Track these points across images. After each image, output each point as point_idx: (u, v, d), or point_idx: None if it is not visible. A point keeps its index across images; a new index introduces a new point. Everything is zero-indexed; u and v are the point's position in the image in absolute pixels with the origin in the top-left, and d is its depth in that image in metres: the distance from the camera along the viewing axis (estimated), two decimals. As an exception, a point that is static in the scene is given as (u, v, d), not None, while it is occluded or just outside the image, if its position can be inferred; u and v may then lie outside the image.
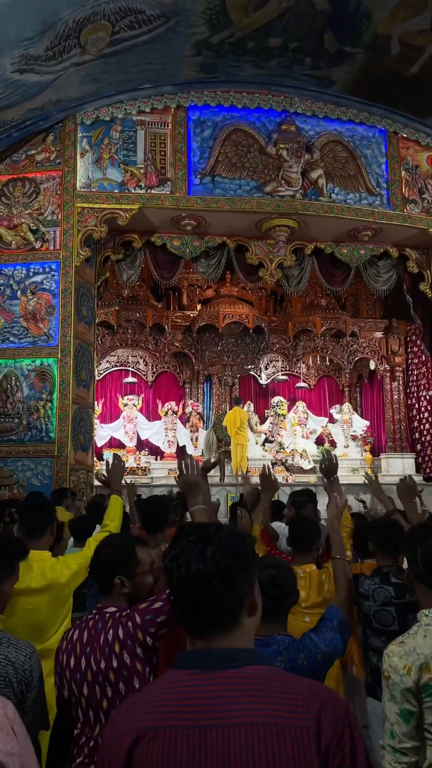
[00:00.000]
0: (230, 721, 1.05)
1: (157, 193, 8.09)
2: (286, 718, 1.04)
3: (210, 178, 8.22)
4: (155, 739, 1.06)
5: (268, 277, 8.85)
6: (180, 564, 1.19)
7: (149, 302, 12.28)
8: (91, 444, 8.33)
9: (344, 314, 12.89)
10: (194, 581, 1.17)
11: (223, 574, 1.18)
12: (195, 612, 1.18)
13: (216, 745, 1.04)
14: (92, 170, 8.05)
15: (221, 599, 1.17)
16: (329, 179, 8.54)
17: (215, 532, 1.22)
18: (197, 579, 1.17)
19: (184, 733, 1.05)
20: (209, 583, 1.17)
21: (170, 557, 1.22)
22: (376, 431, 13.27)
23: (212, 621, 1.17)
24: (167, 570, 1.22)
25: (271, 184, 8.31)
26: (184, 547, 1.20)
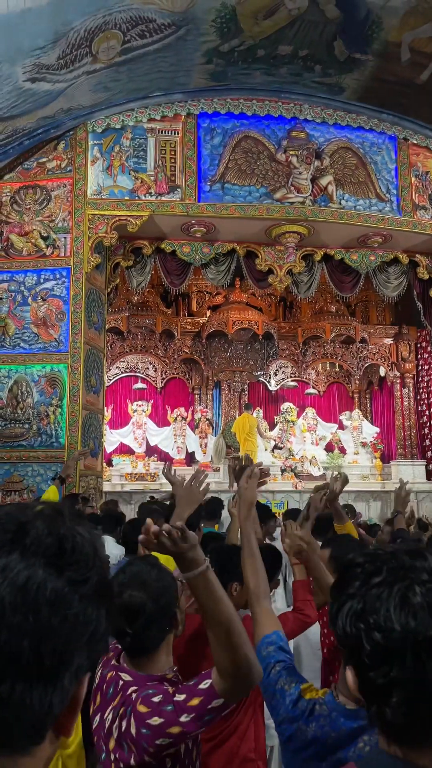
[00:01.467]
0: None
1: (167, 200, 8.12)
2: None
3: (220, 185, 8.25)
4: None
5: (278, 283, 8.86)
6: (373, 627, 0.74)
7: (159, 308, 12.32)
8: (100, 450, 8.35)
9: (354, 320, 12.87)
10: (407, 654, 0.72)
11: None
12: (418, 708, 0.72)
13: None
14: (103, 177, 8.10)
15: None
16: (339, 186, 8.55)
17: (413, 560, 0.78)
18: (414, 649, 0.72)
19: None
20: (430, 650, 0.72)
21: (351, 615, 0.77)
22: (386, 438, 13.21)
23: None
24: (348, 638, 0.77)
25: (281, 191, 8.33)
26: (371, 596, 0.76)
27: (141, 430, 12.27)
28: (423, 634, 0.70)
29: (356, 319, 13.03)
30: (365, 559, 0.81)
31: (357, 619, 0.75)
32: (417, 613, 0.72)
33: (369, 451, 12.63)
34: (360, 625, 0.74)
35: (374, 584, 0.76)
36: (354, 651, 0.75)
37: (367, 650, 0.73)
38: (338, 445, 12.92)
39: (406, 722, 0.70)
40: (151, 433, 12.36)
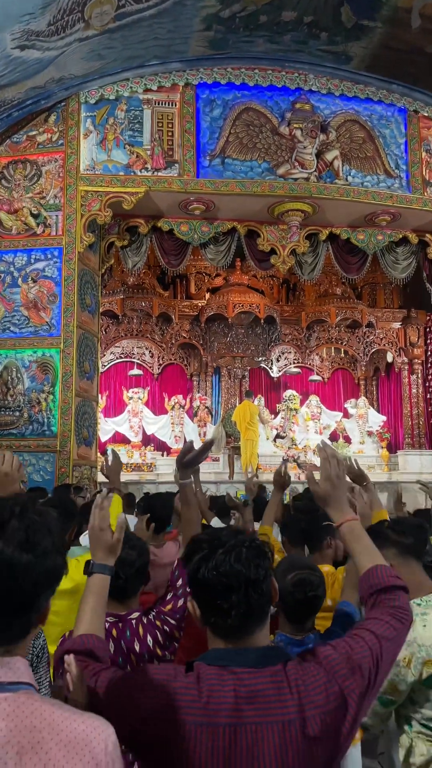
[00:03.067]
0: (285, 717, 1.27)
1: (164, 175, 8.06)
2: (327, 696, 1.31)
3: (220, 160, 8.19)
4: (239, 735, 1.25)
5: (281, 264, 8.82)
6: (223, 573, 1.34)
7: (155, 291, 12.29)
8: (94, 438, 8.36)
9: (360, 303, 12.84)
10: (241, 589, 1.34)
11: (265, 576, 1.37)
12: (244, 618, 1.34)
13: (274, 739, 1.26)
14: (96, 152, 8.03)
15: (266, 599, 1.37)
16: (345, 161, 8.48)
17: (239, 537, 1.40)
18: (246, 584, 1.34)
19: (269, 729, 1.26)
20: (258, 587, 1.35)
21: (208, 569, 1.35)
22: (394, 427, 13.24)
23: (255, 622, 1.37)
24: (206, 583, 1.35)
25: (284, 166, 8.26)
26: (219, 557, 1.36)
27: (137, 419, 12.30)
28: (247, 575, 1.35)
29: (363, 303, 13.00)
30: (208, 538, 1.43)
31: (212, 570, 1.36)
32: (245, 565, 1.35)
33: (375, 440, 12.66)
34: (214, 573, 1.35)
35: (219, 552, 1.37)
36: (206, 590, 1.37)
37: (218, 588, 1.35)
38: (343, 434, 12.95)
39: (240, 628, 1.36)
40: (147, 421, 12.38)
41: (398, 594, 1.54)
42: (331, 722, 1.29)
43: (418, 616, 1.93)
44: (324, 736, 1.28)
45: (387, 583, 1.54)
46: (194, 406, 12.62)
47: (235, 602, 1.33)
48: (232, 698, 1.26)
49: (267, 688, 1.28)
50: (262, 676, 1.30)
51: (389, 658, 1.42)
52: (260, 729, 1.26)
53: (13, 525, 1.16)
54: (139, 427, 12.30)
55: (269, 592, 1.38)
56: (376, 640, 1.40)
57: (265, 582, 1.37)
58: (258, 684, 1.29)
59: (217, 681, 1.29)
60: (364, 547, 1.65)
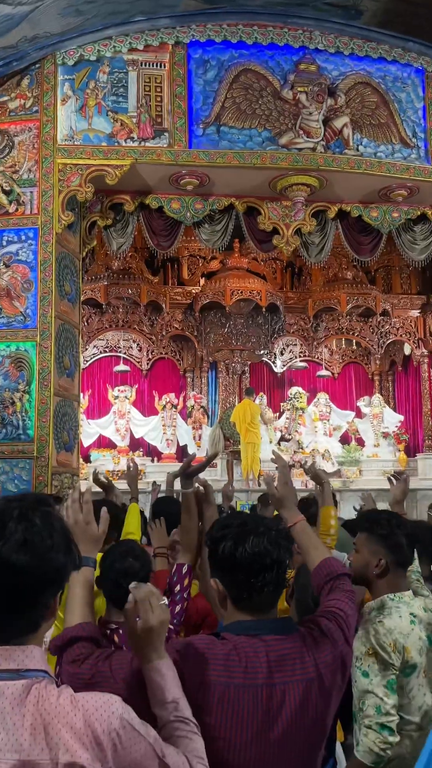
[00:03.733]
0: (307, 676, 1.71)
1: (152, 146, 8.04)
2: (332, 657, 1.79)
3: (215, 128, 8.17)
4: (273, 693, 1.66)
5: (284, 245, 8.81)
6: (258, 553, 1.72)
7: (143, 276, 12.28)
8: (76, 443, 8.35)
9: (374, 289, 12.85)
10: (274, 568, 1.73)
11: (289, 556, 1.78)
12: (274, 593, 1.76)
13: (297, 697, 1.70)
14: (75, 120, 8.01)
15: (284, 577, 1.80)
16: (356, 128, 8.47)
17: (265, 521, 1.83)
18: (278, 564, 1.74)
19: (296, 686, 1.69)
20: (284, 566, 1.77)
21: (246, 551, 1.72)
22: (412, 427, 13.27)
23: (278, 597, 1.78)
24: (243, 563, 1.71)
25: (288, 135, 8.25)
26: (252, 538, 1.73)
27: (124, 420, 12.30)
28: (278, 556, 1.74)
29: (377, 288, 13.01)
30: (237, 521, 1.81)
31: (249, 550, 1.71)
32: (277, 547, 1.74)
33: (392, 442, 12.69)
34: (251, 553, 1.71)
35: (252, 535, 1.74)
36: (242, 569, 1.72)
37: (254, 567, 1.71)
38: (355, 436, 12.97)
39: (269, 602, 1.76)
40: (135, 423, 12.38)
41: (346, 580, 2.08)
42: (337, 678, 1.79)
43: (392, 609, 2.49)
44: (332, 688, 1.77)
45: (339, 571, 2.09)
46: (188, 406, 12.62)
47: (269, 580, 1.71)
48: (266, 662, 1.66)
49: (292, 652, 1.71)
50: (287, 642, 1.73)
51: (352, 631, 1.97)
52: (288, 687, 1.68)
53: (10, 528, 1.39)
54: (126, 429, 12.30)
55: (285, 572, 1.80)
56: (345, 616, 1.92)
57: (289, 563, 1.77)
58: (285, 649, 1.71)
59: (251, 648, 1.67)
60: (314, 543, 2.21)
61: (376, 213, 9.05)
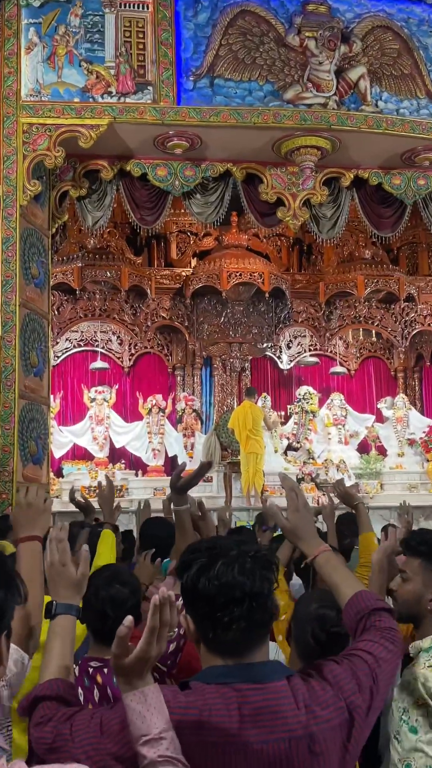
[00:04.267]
0: (292, 734, 1.59)
1: (133, 102, 8.04)
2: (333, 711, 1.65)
3: (208, 81, 8.17)
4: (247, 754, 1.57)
5: (291, 219, 8.82)
6: (225, 584, 1.63)
7: (124, 257, 12.27)
8: (46, 454, 8.34)
9: (397, 270, 12.87)
10: (245, 601, 1.63)
11: (270, 589, 1.67)
12: (247, 632, 1.65)
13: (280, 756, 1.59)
14: (42, 71, 8.00)
15: (269, 615, 1.69)
16: (375, 81, 8.48)
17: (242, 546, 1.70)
18: (250, 597, 1.64)
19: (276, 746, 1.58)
20: (261, 600, 1.66)
21: (209, 580, 1.64)
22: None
23: (256, 638, 1.68)
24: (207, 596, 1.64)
25: (294, 89, 8.25)
26: (219, 566, 1.65)
27: (102, 427, 12.28)
28: (251, 588, 1.64)
29: (400, 269, 13.03)
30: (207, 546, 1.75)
31: (213, 580, 1.64)
32: (249, 576, 1.65)
33: (419, 451, 12.69)
34: (215, 583, 1.64)
35: (221, 561, 1.66)
36: (206, 602, 1.65)
37: (219, 600, 1.63)
38: (376, 444, 12.97)
39: (244, 643, 1.66)
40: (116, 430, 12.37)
41: (384, 616, 1.96)
42: (337, 738, 1.65)
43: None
44: (329, 753, 1.63)
45: (373, 606, 1.97)
46: (178, 410, 12.61)
47: (237, 615, 1.62)
48: (237, 716, 1.57)
49: (273, 704, 1.60)
50: (268, 692, 1.61)
51: (386, 679, 1.81)
52: (266, 747, 1.58)
53: None
54: (105, 438, 12.28)
55: (273, 607, 1.69)
56: (374, 660, 1.78)
57: (269, 596, 1.66)
58: (263, 700, 1.60)
59: (220, 699, 1.59)
60: (343, 576, 2.09)
61: (399, 180, 9.06)
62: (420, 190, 9.11)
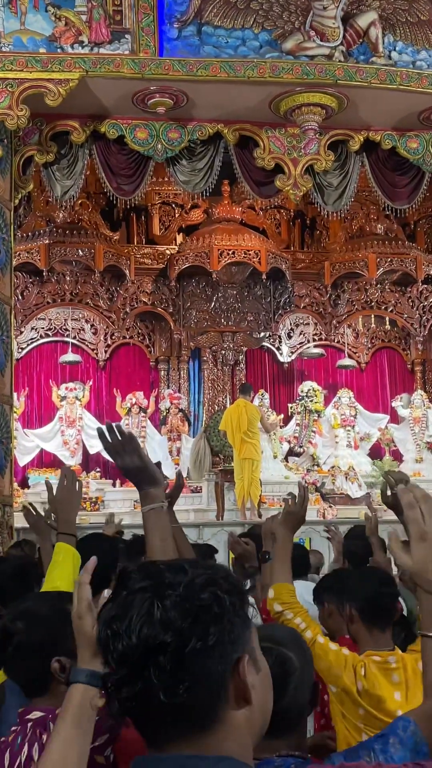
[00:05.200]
0: None
1: (108, 53, 8.03)
2: None
3: (195, 29, 8.17)
4: None
5: (291, 188, 8.83)
6: (116, 631, 1.20)
7: (99, 232, 12.26)
8: (9, 461, 8.34)
9: (414, 248, 12.91)
10: (136, 658, 1.17)
11: (182, 645, 1.15)
12: (135, 708, 1.20)
13: None
14: (3, 18, 7.98)
15: (179, 684, 1.15)
16: (388, 28, 8.49)
17: (182, 573, 1.22)
18: (142, 655, 1.16)
19: None
20: (158, 662, 1.15)
21: (105, 620, 1.24)
22: (467, 435, 13.34)
23: (167, 719, 1.18)
24: (101, 641, 1.24)
25: (294, 38, 8.26)
26: (126, 604, 1.21)
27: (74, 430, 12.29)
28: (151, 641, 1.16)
29: (417, 247, 13.06)
30: (141, 568, 1.29)
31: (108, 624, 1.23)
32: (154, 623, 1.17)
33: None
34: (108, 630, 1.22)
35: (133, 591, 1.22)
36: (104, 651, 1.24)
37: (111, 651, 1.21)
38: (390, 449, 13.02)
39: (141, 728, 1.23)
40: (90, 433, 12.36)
41: None
42: None
43: None
44: None
45: None
46: (162, 409, 12.63)
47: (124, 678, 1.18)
48: None
49: None
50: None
51: None
52: None
53: None
54: (78, 442, 12.29)
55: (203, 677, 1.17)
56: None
57: (187, 655, 1.15)
58: None
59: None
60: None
61: (416, 144, 9.08)
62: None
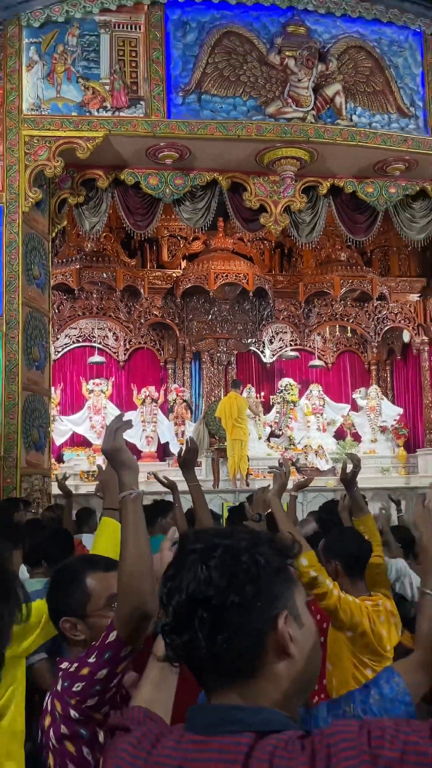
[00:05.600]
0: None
1: (127, 116, 8.01)
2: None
3: (195, 97, 8.14)
4: None
5: (272, 224, 8.81)
6: (170, 588, 1.13)
7: (119, 259, 12.22)
8: (47, 441, 8.33)
9: (370, 271, 12.88)
10: (183, 613, 1.11)
11: (233, 603, 1.08)
12: (183, 657, 1.14)
13: None
14: (43, 87, 7.96)
15: (235, 642, 1.08)
16: (349, 97, 8.47)
17: (222, 540, 1.14)
18: (188, 609, 1.10)
19: None
20: (214, 619, 1.09)
21: (163, 579, 1.17)
22: (412, 421, 13.34)
23: (212, 667, 1.11)
24: (160, 598, 1.17)
25: (275, 104, 8.24)
26: (180, 565, 1.15)
27: (99, 416, 12.26)
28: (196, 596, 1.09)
29: (373, 270, 13.04)
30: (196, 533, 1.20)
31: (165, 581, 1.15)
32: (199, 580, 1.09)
33: (390, 437, 12.76)
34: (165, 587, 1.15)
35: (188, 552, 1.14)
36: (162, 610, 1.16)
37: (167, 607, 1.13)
38: (351, 431, 13.02)
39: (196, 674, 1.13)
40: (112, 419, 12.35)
41: None
42: None
43: None
44: None
45: None
46: (169, 400, 12.61)
47: (173, 629, 1.13)
48: None
49: (208, 763, 1.05)
50: (208, 750, 1.06)
51: None
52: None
53: None
54: (102, 426, 12.24)
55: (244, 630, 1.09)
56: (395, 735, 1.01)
57: (229, 609, 1.08)
58: (201, 761, 1.06)
59: (170, 749, 1.11)
60: None
61: (372, 189, 9.06)
62: (391, 198, 9.12)
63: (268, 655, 1.10)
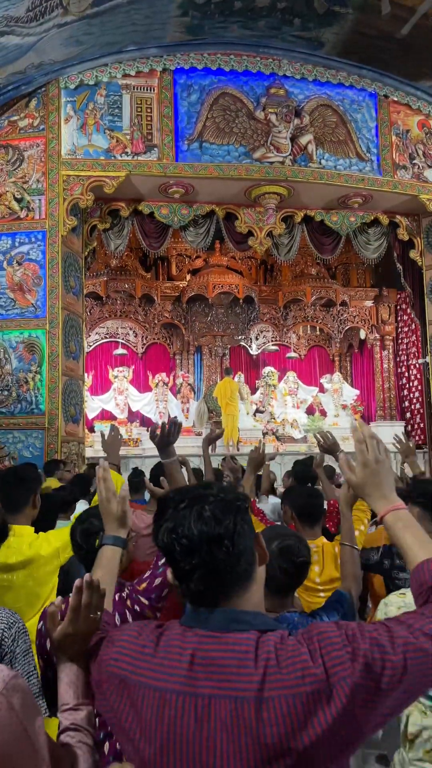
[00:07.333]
0: (240, 693, 1.01)
1: (144, 159, 7.95)
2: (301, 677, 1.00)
3: (198, 144, 8.09)
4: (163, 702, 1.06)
5: (258, 245, 8.79)
6: (181, 535, 1.11)
7: (138, 272, 12.17)
8: (81, 415, 8.34)
9: (334, 283, 12.85)
10: (203, 548, 1.11)
11: (234, 531, 1.12)
12: (210, 580, 1.11)
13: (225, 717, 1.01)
14: (77, 136, 7.89)
15: (237, 557, 1.12)
16: (319, 144, 8.43)
17: (205, 491, 1.16)
18: (207, 544, 1.11)
19: (220, 703, 1.02)
20: (223, 544, 1.11)
21: (165, 531, 1.14)
22: (366, 400, 13.36)
23: (227, 584, 1.12)
24: (165, 546, 1.14)
25: (260, 150, 8.19)
26: (178, 516, 1.13)
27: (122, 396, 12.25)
28: (209, 534, 1.11)
29: (337, 282, 13.01)
30: (174, 494, 1.20)
31: (170, 532, 1.14)
32: (206, 522, 1.12)
33: (349, 413, 12.77)
34: (173, 536, 1.13)
35: (180, 508, 1.14)
36: (168, 553, 1.15)
37: (177, 551, 1.12)
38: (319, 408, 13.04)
39: (204, 590, 1.12)
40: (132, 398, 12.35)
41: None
42: (299, 711, 0.99)
43: None
44: (283, 723, 0.98)
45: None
46: (177, 384, 12.60)
47: (198, 563, 1.10)
48: (188, 662, 1.06)
49: (227, 656, 1.05)
50: (224, 643, 1.06)
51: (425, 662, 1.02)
52: (213, 702, 1.03)
53: None
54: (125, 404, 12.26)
55: (246, 549, 1.13)
56: (409, 634, 1.04)
57: (235, 537, 1.11)
58: (217, 651, 1.06)
59: (178, 642, 1.10)
60: (415, 537, 1.28)
61: (336, 218, 9.03)
62: (351, 225, 9.09)
63: (257, 564, 1.17)
